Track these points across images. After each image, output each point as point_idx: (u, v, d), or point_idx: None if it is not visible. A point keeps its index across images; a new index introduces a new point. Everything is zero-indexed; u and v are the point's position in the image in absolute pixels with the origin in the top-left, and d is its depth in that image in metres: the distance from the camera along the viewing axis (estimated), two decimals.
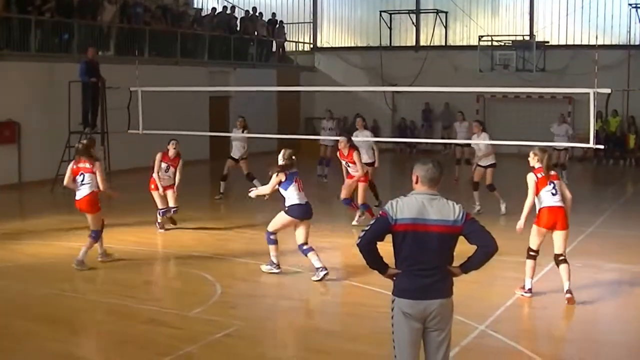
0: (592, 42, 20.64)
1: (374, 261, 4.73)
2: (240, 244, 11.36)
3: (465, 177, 16.60)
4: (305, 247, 9.13)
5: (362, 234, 4.70)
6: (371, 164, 13.52)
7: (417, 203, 4.66)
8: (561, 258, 8.20)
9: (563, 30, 25.48)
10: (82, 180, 9.47)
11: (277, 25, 27.10)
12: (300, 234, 9.11)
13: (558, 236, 8.16)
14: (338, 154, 12.72)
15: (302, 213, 9.05)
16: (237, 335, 7.09)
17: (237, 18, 25.44)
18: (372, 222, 4.77)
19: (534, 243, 8.30)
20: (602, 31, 24.04)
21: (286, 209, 9.13)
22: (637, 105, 23.37)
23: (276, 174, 9.09)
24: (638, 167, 22.52)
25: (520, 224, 8.27)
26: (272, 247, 9.27)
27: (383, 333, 5.33)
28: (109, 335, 7.14)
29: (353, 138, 13.43)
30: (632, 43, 24.06)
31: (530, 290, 8.37)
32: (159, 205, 11.96)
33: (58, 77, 17.02)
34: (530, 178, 8.25)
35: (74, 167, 9.58)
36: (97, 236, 9.56)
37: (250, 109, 21.37)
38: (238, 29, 25.22)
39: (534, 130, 19.87)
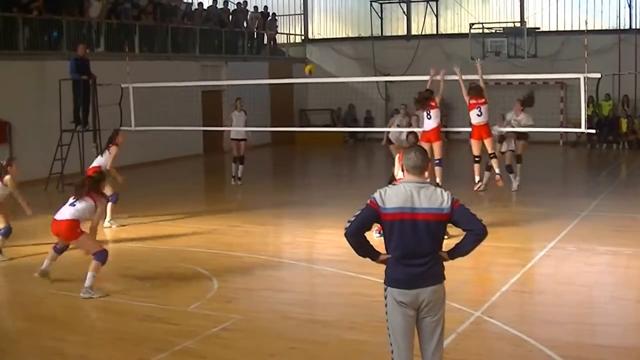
0: (583, 28, 20.60)
1: (363, 249, 4.75)
2: (234, 237, 11.36)
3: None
4: None
5: (348, 224, 4.69)
6: None
7: (406, 192, 4.64)
8: (491, 155, 12.62)
9: (553, 16, 25.48)
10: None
11: (270, 18, 27.02)
12: None
13: (486, 142, 12.39)
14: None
15: None
16: (235, 328, 7.09)
17: (228, 11, 25.36)
18: (359, 211, 4.74)
19: (474, 151, 12.44)
20: (592, 16, 24.02)
21: None
22: (628, 89, 23.44)
23: None
24: (631, 150, 22.58)
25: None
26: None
27: (379, 322, 5.34)
28: (105, 333, 7.14)
29: None
30: (622, 27, 24.07)
31: (480, 181, 12.72)
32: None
33: (48, 75, 16.92)
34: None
35: None
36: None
37: (243, 102, 21.32)
38: (229, 20, 25.14)
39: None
